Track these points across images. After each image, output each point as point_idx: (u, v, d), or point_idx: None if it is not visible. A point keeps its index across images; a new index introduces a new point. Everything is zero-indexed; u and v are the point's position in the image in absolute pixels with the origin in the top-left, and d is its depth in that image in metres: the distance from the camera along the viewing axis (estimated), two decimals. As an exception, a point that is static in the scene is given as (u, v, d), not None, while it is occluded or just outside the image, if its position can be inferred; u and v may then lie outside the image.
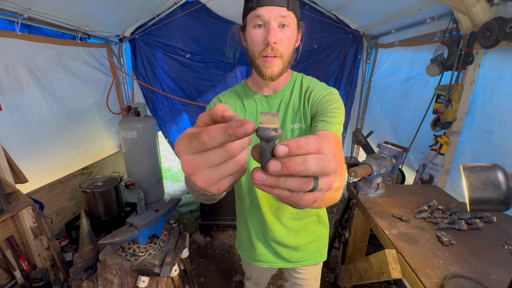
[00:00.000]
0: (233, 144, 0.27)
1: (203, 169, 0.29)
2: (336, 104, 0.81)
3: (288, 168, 0.26)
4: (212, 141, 0.26)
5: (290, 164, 0.26)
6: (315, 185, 0.28)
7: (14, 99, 1.81)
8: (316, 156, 0.26)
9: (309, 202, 0.30)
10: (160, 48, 2.87)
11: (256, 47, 0.76)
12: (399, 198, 1.49)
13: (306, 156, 0.26)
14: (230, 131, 0.25)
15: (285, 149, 0.26)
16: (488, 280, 0.90)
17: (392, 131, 2.66)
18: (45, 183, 2.06)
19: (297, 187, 0.28)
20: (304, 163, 0.26)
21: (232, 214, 2.50)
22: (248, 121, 0.26)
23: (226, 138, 0.26)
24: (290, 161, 0.26)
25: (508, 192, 0.59)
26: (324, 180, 0.28)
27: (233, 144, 0.27)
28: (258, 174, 0.28)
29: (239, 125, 0.25)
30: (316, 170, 0.26)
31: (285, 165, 0.26)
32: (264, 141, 0.28)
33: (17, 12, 1.70)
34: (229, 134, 0.26)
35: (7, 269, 1.61)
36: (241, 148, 0.28)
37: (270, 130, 0.27)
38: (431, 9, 1.84)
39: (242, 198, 1.02)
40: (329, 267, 2.24)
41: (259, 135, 0.27)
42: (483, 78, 1.63)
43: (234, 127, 0.25)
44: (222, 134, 0.26)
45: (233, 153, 0.28)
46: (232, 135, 0.26)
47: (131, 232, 1.27)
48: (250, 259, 1.11)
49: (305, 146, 0.26)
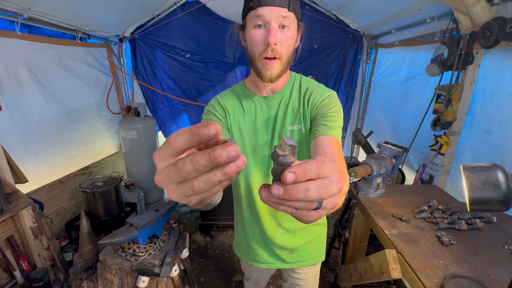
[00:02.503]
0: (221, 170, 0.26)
1: (171, 183, 0.28)
2: (336, 108, 0.81)
3: (291, 195, 0.27)
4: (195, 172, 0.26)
5: (293, 191, 0.27)
6: (319, 205, 0.30)
7: (14, 99, 1.81)
8: (317, 184, 0.27)
9: (314, 218, 0.31)
10: (160, 48, 2.87)
11: (256, 47, 0.75)
12: (399, 198, 1.49)
13: (308, 184, 0.27)
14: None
15: (293, 177, 0.27)
16: (488, 280, 0.89)
17: (392, 131, 2.66)
18: (45, 183, 2.06)
19: (302, 206, 0.29)
20: (305, 191, 0.27)
21: (232, 214, 2.48)
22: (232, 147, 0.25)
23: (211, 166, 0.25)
24: (293, 188, 0.27)
25: (508, 192, 0.59)
26: (328, 200, 0.30)
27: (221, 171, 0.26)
28: (264, 192, 0.29)
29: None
30: (315, 197, 0.27)
31: (288, 192, 0.27)
32: (280, 166, 0.28)
33: (17, 12, 1.70)
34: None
35: (7, 269, 1.61)
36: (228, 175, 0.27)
37: (288, 157, 0.28)
38: (431, 9, 1.84)
39: (239, 200, 1.02)
40: (329, 267, 2.24)
41: (276, 159, 0.28)
42: (483, 78, 1.63)
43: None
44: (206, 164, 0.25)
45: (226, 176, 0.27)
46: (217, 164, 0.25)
47: (131, 232, 1.27)
48: (248, 259, 1.11)
49: (309, 173, 0.27)
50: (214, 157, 0.24)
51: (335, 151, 0.70)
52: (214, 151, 0.24)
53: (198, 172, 0.25)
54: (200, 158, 0.25)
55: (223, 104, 0.90)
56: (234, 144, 0.25)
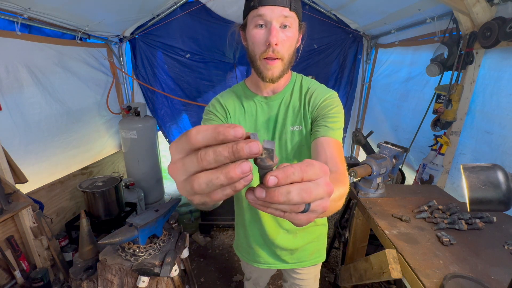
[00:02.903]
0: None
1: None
2: (337, 108, 0.81)
3: (272, 198, 0.27)
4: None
5: (274, 194, 0.27)
6: (306, 208, 0.29)
7: (14, 99, 1.81)
8: (299, 187, 0.27)
9: (303, 222, 0.31)
10: (160, 48, 2.87)
11: (257, 47, 0.75)
12: (399, 198, 1.49)
13: (290, 187, 0.27)
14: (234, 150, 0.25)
15: (274, 180, 0.27)
16: (488, 280, 0.89)
17: (392, 131, 2.66)
18: (45, 183, 2.06)
19: (287, 209, 0.29)
20: (287, 194, 0.27)
21: (232, 214, 2.48)
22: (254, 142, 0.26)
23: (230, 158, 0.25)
24: (274, 191, 0.27)
25: (508, 192, 0.59)
26: (317, 203, 0.29)
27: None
28: (250, 195, 0.29)
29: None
30: (298, 200, 0.27)
31: (269, 195, 0.27)
32: (260, 169, 0.28)
33: (17, 12, 1.69)
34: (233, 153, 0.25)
35: (7, 269, 1.61)
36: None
37: (265, 161, 0.28)
38: (431, 9, 1.84)
39: (240, 201, 1.02)
40: (329, 267, 2.24)
41: (255, 162, 0.28)
42: (483, 78, 1.63)
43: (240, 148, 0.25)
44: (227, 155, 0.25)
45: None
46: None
47: (131, 232, 1.27)
48: (248, 260, 1.11)
49: (291, 176, 0.27)
50: (236, 150, 0.25)
51: (336, 152, 0.70)
52: (237, 144, 0.25)
53: (218, 163, 0.26)
54: (223, 149, 0.25)
55: (223, 104, 0.90)
56: (257, 141, 0.26)
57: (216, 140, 0.26)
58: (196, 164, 0.26)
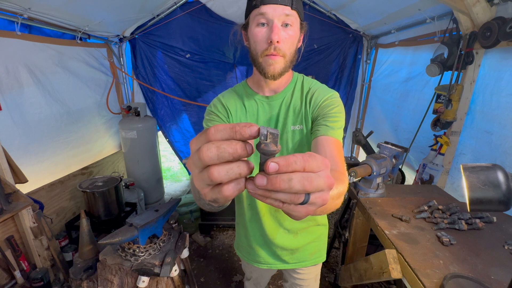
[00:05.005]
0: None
1: None
2: (337, 108, 0.81)
3: (273, 185, 0.27)
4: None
5: (276, 181, 0.27)
6: (306, 199, 0.29)
7: (14, 99, 1.81)
8: (301, 175, 0.27)
9: (302, 214, 0.31)
10: (160, 48, 2.87)
11: (259, 45, 0.75)
12: (399, 198, 1.49)
13: (292, 174, 0.27)
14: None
15: (275, 166, 0.27)
16: (488, 280, 0.89)
17: (392, 131, 2.66)
18: (45, 183, 2.06)
19: (288, 199, 0.29)
20: (288, 181, 0.27)
21: (232, 214, 2.50)
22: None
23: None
24: (276, 178, 0.27)
25: (508, 192, 0.59)
26: (316, 195, 0.29)
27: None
28: (250, 185, 0.29)
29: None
30: (299, 188, 0.27)
31: (271, 182, 0.27)
32: (263, 155, 0.29)
33: (17, 12, 1.69)
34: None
35: (7, 269, 1.61)
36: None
37: (269, 145, 0.28)
38: (431, 9, 1.84)
39: (241, 201, 1.02)
40: (329, 267, 2.24)
41: (258, 148, 0.28)
42: (483, 78, 1.63)
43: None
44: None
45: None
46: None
47: (131, 232, 1.27)
48: (249, 260, 1.11)
49: (293, 164, 0.27)
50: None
51: (335, 151, 0.70)
52: (241, 128, 0.27)
53: (221, 160, 0.27)
54: (228, 146, 0.27)
55: (225, 104, 0.90)
56: (256, 125, 0.28)
57: (233, 139, 0.27)
58: (199, 160, 0.28)
